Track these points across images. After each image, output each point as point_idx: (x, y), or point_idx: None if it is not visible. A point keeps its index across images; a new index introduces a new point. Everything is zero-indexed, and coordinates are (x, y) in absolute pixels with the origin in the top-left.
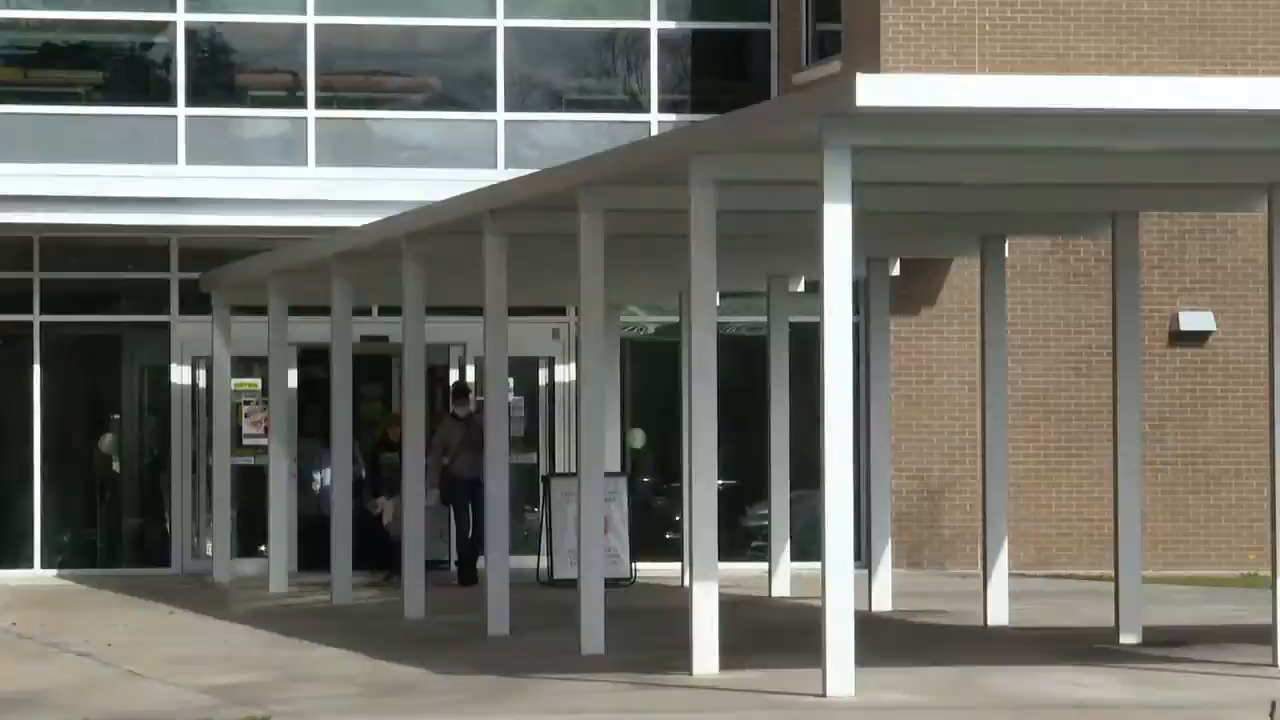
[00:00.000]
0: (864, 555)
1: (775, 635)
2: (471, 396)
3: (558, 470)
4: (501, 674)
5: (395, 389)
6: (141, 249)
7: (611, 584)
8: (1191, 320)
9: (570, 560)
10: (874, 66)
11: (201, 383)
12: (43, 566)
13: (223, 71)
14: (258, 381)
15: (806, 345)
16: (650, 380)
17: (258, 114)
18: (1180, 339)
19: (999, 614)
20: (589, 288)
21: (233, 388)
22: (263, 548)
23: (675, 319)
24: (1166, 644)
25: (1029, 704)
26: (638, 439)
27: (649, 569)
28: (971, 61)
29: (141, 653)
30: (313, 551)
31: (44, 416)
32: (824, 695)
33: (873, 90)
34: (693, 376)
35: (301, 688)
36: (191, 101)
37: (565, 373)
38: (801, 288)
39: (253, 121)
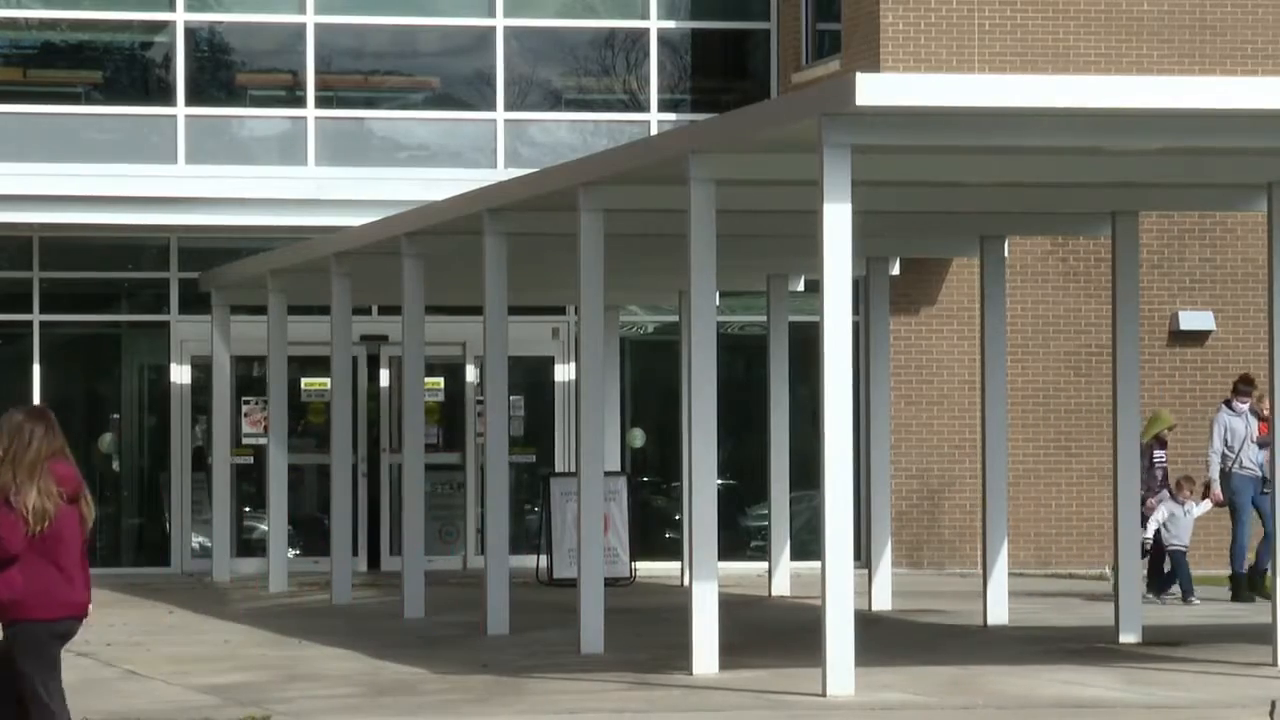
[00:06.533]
0: (864, 555)
1: (775, 635)
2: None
3: (557, 470)
4: (501, 674)
5: (395, 388)
6: (141, 249)
7: (611, 584)
8: (1191, 320)
9: (570, 560)
10: (873, 66)
11: (201, 382)
12: None
13: (222, 71)
14: (327, 381)
15: (806, 345)
16: (650, 380)
17: (257, 114)
18: (1180, 339)
19: (999, 614)
20: (589, 287)
21: (303, 386)
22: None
23: (675, 319)
24: (1166, 644)
25: (1029, 704)
26: (638, 439)
27: (649, 568)
28: (971, 61)
29: (141, 653)
30: None
31: None
32: (824, 695)
33: (872, 89)
34: (693, 376)
35: (301, 688)
36: (191, 101)
37: (565, 372)
38: (801, 287)
39: (252, 121)
